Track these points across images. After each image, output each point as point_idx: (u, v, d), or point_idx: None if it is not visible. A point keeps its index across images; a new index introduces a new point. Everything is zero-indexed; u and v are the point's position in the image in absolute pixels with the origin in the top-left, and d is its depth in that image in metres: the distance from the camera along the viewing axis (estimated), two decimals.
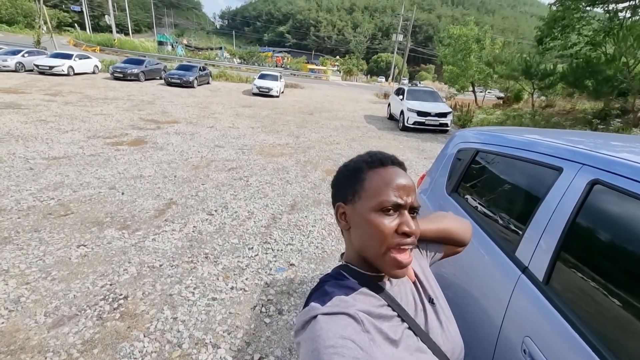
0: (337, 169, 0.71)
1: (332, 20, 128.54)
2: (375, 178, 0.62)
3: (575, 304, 0.98)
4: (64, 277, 2.54)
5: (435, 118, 10.98)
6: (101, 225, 3.38)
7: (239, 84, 22.04)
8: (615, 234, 0.98)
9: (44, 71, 15.40)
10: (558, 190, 1.14)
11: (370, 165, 0.64)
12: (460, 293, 1.55)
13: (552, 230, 1.10)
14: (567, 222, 1.06)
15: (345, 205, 0.65)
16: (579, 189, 1.06)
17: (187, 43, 63.39)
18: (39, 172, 4.61)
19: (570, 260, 1.06)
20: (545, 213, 1.15)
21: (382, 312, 0.60)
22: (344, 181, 0.67)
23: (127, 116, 8.87)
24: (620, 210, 0.96)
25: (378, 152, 0.68)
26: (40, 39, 22.97)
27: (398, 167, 0.66)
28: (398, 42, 43.59)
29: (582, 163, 1.12)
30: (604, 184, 1.00)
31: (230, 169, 5.55)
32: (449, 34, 19.78)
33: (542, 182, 1.24)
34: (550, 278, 1.08)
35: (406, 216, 0.60)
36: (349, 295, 0.59)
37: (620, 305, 0.88)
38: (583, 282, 1.01)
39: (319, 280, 0.65)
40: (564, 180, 1.14)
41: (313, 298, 0.59)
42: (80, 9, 50.00)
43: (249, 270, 2.86)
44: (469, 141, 1.86)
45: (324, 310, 0.54)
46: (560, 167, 1.19)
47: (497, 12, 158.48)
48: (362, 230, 0.61)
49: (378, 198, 0.60)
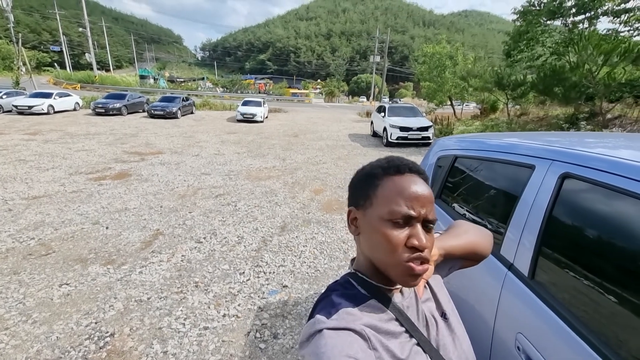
0: (356, 171, 0.68)
1: (311, 46, 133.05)
2: (389, 185, 0.59)
3: (561, 295, 1.00)
4: (46, 319, 2.41)
5: (417, 132, 11.27)
6: (85, 262, 3.26)
7: (223, 111, 22.25)
8: (588, 222, 1.03)
9: (23, 111, 15.23)
10: (533, 186, 1.19)
11: (386, 171, 0.61)
12: (456, 306, 1.55)
13: (531, 225, 1.14)
14: (544, 216, 1.10)
15: (357, 210, 0.63)
16: (552, 183, 1.11)
17: (170, 76, 64.06)
18: (18, 213, 4.46)
19: (551, 253, 1.09)
20: (523, 209, 1.20)
21: (390, 327, 0.57)
22: (358, 185, 0.65)
23: (109, 150, 8.77)
24: (591, 198, 1.01)
25: (397, 157, 0.65)
26: (19, 79, 22.85)
27: (416, 175, 0.61)
28: (376, 62, 45.27)
29: (552, 159, 1.17)
30: (573, 176, 1.06)
31: (217, 196, 5.51)
32: (423, 52, 20.72)
33: (518, 181, 1.29)
34: (535, 272, 1.10)
35: (417, 229, 0.56)
36: (356, 307, 0.57)
37: (603, 292, 0.91)
38: (566, 273, 1.04)
39: (326, 288, 0.63)
40: (537, 177, 1.19)
41: (319, 309, 0.57)
42: (60, 48, 50.33)
43: (241, 295, 2.78)
44: (447, 148, 1.93)
45: (329, 324, 0.52)
46: (533, 164, 1.24)
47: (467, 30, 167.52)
48: (371, 239, 0.59)
49: (389, 207, 0.57)
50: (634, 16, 11.54)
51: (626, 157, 0.95)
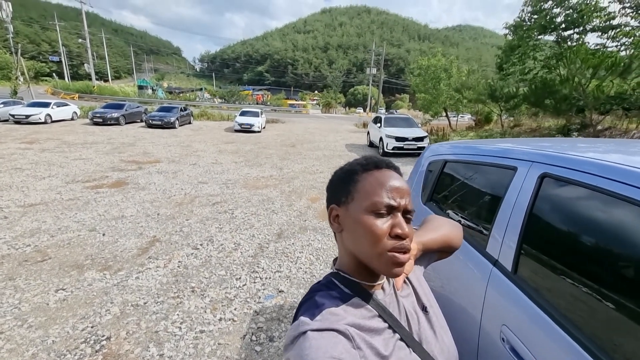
0: (333, 173, 0.70)
1: (309, 59, 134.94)
2: (369, 179, 0.61)
3: (542, 288, 1.06)
4: (42, 323, 2.42)
5: (412, 142, 11.43)
6: (81, 268, 3.27)
7: (221, 122, 22.40)
8: (565, 218, 1.10)
9: (20, 120, 15.24)
10: (515, 186, 1.27)
11: (365, 168, 0.64)
12: (446, 302, 1.60)
13: (514, 222, 1.21)
14: (525, 214, 1.17)
15: (339, 207, 0.63)
16: (532, 183, 1.19)
17: (168, 86, 64.50)
18: (14, 220, 4.46)
19: (532, 248, 1.15)
20: (506, 208, 1.27)
21: (373, 324, 0.58)
22: (338, 183, 0.66)
23: (107, 159, 8.80)
24: (567, 196, 1.09)
25: (373, 155, 0.67)
26: (17, 89, 22.91)
27: (393, 170, 0.65)
28: (372, 75, 45.98)
29: (532, 161, 1.25)
30: (551, 176, 1.13)
31: (214, 204, 5.54)
32: (418, 65, 21.15)
33: (502, 182, 1.36)
34: (517, 267, 1.17)
35: (399, 218, 0.58)
36: (339, 306, 0.57)
37: (581, 284, 0.97)
38: (546, 267, 1.10)
39: (309, 289, 0.63)
40: (519, 178, 1.27)
41: (303, 310, 0.58)
42: (59, 59, 50.64)
43: (237, 300, 2.80)
44: (438, 154, 2.01)
45: (313, 325, 0.52)
46: (515, 166, 1.32)
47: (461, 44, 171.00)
48: (355, 232, 0.60)
49: (371, 199, 0.58)
50: (620, 32, 11.92)
51: (598, 158, 1.02)
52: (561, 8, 12.76)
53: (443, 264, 1.66)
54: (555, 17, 13.15)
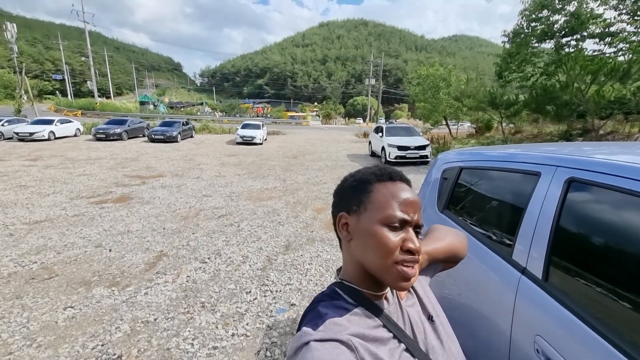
0: (342, 178, 0.70)
1: (308, 71, 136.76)
2: (383, 191, 0.61)
3: (576, 295, 1.03)
4: (51, 342, 2.37)
5: (415, 151, 11.45)
6: (89, 285, 3.23)
7: (222, 135, 22.55)
8: (597, 223, 1.07)
9: (24, 138, 15.38)
10: (539, 191, 1.24)
11: (378, 178, 0.63)
12: (467, 312, 1.56)
13: (541, 228, 1.18)
14: (554, 219, 1.14)
15: (349, 215, 0.63)
16: (558, 188, 1.17)
17: (169, 101, 65.24)
18: (20, 237, 4.43)
19: (563, 254, 1.12)
20: (532, 213, 1.24)
21: (378, 334, 0.57)
22: (349, 191, 0.65)
23: (110, 174, 8.82)
24: (597, 200, 1.06)
25: (387, 166, 0.67)
26: (21, 107, 23.20)
27: (406, 183, 0.65)
28: (371, 85, 46.47)
29: (557, 165, 1.23)
30: (579, 181, 1.11)
31: (220, 216, 5.51)
32: (417, 74, 21.38)
33: (524, 187, 1.34)
34: (548, 274, 1.13)
35: (411, 233, 0.59)
36: (343, 316, 0.57)
37: (616, 289, 0.93)
38: (579, 273, 1.07)
39: (313, 300, 0.62)
40: (543, 183, 1.25)
41: (306, 321, 0.57)
42: (62, 77, 51.43)
43: (248, 314, 2.75)
44: (451, 161, 1.99)
45: (316, 336, 0.51)
46: (538, 171, 1.30)
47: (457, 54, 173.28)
48: (366, 243, 0.59)
49: (385, 212, 0.58)
50: (617, 38, 12.08)
51: (629, 160, 1.01)
52: (558, 15, 12.96)
53: (462, 271, 1.63)
54: (552, 25, 13.35)
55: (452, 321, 0.77)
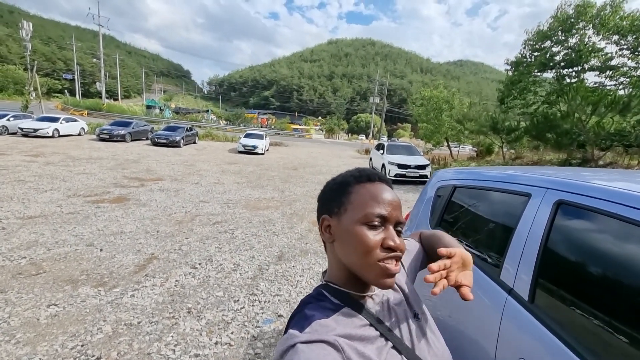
0: (325, 183, 0.71)
1: (314, 86, 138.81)
2: (362, 191, 0.62)
3: (562, 318, 1.02)
4: (30, 339, 2.31)
5: (415, 170, 11.48)
6: (75, 283, 3.18)
7: (225, 143, 22.68)
8: (584, 247, 1.07)
9: (27, 134, 15.47)
10: (529, 212, 1.24)
11: (357, 180, 0.65)
12: (455, 332, 1.53)
13: (529, 249, 1.17)
14: (542, 240, 1.14)
15: (331, 217, 0.64)
16: (547, 210, 1.17)
17: (175, 107, 65.96)
18: (12, 232, 4.40)
19: (550, 276, 1.11)
20: (521, 234, 1.24)
21: (364, 333, 0.58)
22: (330, 194, 0.67)
23: (110, 175, 8.82)
24: (585, 224, 1.06)
25: (366, 168, 0.69)
26: (28, 104, 23.46)
27: (385, 183, 0.66)
28: (375, 103, 47.07)
29: (547, 187, 1.24)
30: (568, 203, 1.12)
31: (215, 223, 5.48)
32: (421, 95, 21.71)
33: (515, 208, 1.34)
34: (534, 296, 1.12)
35: (391, 231, 0.60)
36: (329, 317, 0.57)
37: (603, 316, 0.92)
38: (565, 296, 1.06)
39: (299, 302, 0.63)
40: (533, 204, 1.25)
41: (293, 323, 0.57)
42: (72, 76, 52.22)
43: (234, 323, 2.69)
44: (446, 179, 2.00)
45: (302, 337, 0.51)
46: (529, 192, 1.31)
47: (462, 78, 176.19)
48: (347, 243, 0.60)
49: (364, 210, 0.59)
50: (618, 72, 12.31)
51: (617, 186, 1.01)
52: (560, 47, 13.25)
53: (453, 292, 1.61)
54: (554, 56, 13.63)
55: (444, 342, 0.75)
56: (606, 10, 12.67)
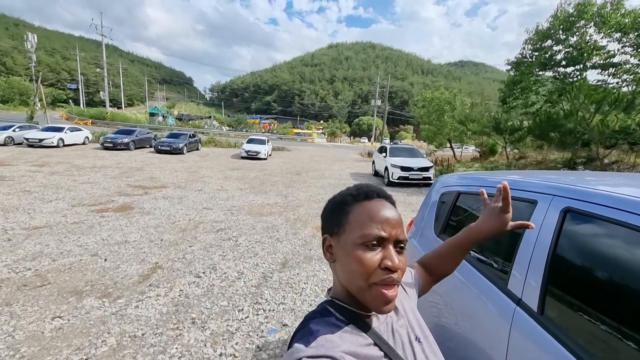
0: (327, 201, 0.71)
1: (315, 90, 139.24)
2: (359, 211, 0.61)
3: (571, 330, 0.99)
4: (34, 353, 2.31)
5: (418, 172, 11.43)
6: (80, 295, 3.18)
7: (228, 149, 22.77)
8: (594, 255, 1.04)
9: (33, 144, 15.64)
10: (535, 220, 1.21)
11: (355, 198, 0.64)
12: (462, 341, 1.50)
13: (537, 258, 1.15)
14: (550, 249, 1.11)
15: (331, 237, 0.64)
16: (554, 217, 1.14)
17: (178, 113, 66.43)
18: (17, 243, 4.42)
19: (560, 286, 1.08)
20: (528, 242, 1.21)
21: (369, 352, 0.57)
22: (330, 214, 0.67)
23: (114, 183, 8.87)
24: (593, 232, 1.04)
25: (365, 184, 0.68)
26: (33, 114, 23.72)
27: (384, 200, 0.65)
28: (377, 106, 47.09)
29: (553, 194, 1.21)
30: (575, 211, 1.09)
31: (218, 230, 5.47)
32: (422, 97, 21.69)
33: (521, 215, 1.32)
34: (544, 307, 1.09)
35: (390, 250, 0.58)
36: (335, 333, 0.56)
37: (614, 326, 0.89)
38: (575, 307, 1.03)
39: (304, 318, 0.62)
40: (540, 212, 1.22)
41: (297, 338, 0.57)
42: (77, 86, 52.83)
43: (239, 333, 2.67)
44: (450, 185, 1.97)
45: (308, 352, 0.51)
46: (535, 199, 1.28)
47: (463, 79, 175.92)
48: (346, 264, 0.60)
49: (361, 231, 0.58)
50: (621, 69, 12.22)
51: (624, 193, 0.99)
52: (561, 46, 13.19)
53: (458, 299, 1.58)
54: (555, 55, 13.57)
55: (447, 350, 0.74)
56: (607, 8, 12.62)
